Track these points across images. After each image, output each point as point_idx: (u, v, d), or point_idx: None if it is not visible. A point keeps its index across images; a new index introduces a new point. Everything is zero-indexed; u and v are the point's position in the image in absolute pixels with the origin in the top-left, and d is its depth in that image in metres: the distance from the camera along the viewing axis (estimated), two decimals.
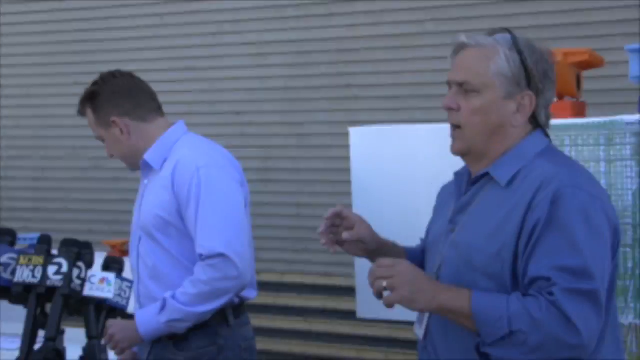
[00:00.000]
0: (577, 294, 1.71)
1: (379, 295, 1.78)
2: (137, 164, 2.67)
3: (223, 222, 2.51)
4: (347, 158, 4.28)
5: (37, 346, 2.45)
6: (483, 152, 1.91)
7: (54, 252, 2.49)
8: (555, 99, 2.95)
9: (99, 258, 2.58)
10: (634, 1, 4.35)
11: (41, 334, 2.47)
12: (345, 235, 2.01)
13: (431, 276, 1.92)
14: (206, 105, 5.43)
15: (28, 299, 2.45)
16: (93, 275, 2.50)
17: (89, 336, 2.50)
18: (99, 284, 2.49)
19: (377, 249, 2.08)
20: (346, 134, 3.39)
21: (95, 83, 2.65)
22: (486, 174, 1.91)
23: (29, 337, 2.44)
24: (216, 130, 5.30)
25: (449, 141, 2.97)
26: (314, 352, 5.21)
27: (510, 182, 1.86)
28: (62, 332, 2.46)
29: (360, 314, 3.20)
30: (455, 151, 1.94)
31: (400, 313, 3.12)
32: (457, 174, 2.04)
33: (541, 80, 1.89)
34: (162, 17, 5.58)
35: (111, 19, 5.69)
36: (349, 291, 4.82)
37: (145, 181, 2.69)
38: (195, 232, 2.50)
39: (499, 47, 1.90)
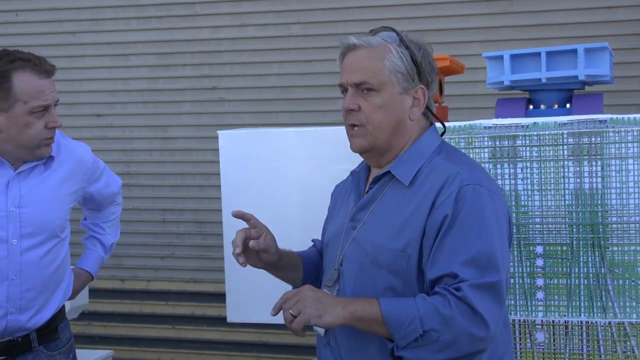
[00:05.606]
0: (484, 288, 1.77)
1: (290, 326, 1.81)
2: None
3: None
4: (213, 162, 4.22)
5: None
6: (386, 148, 1.96)
7: None
8: None
9: None
10: (489, 10, 4.55)
11: None
12: (252, 243, 1.98)
13: (332, 273, 1.98)
14: (65, 107, 5.20)
15: None
16: None
17: None
18: None
19: (277, 261, 2.08)
20: (212, 138, 3.33)
21: None
22: (387, 173, 1.96)
23: None
24: (76, 133, 5.09)
25: (317, 144, 3.01)
26: None
27: (412, 181, 1.92)
28: None
29: (231, 318, 3.16)
30: (358, 148, 1.96)
31: (268, 317, 3.13)
32: (354, 173, 2.08)
33: (429, 73, 1.97)
34: (17, 13, 5.32)
35: None
36: (217, 297, 4.79)
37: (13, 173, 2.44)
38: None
39: (389, 44, 1.94)
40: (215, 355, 5.06)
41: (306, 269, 2.16)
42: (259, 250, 2.02)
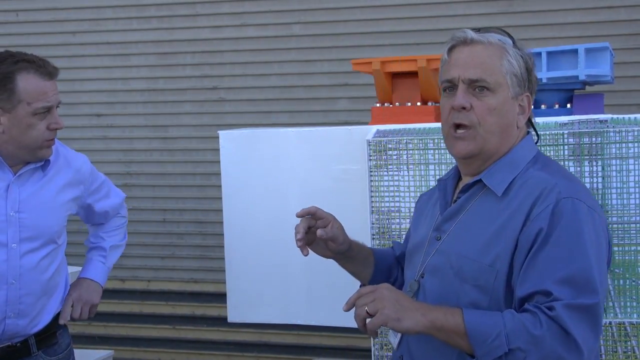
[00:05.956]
0: (579, 310, 1.64)
1: (363, 324, 1.69)
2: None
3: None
4: (213, 162, 4.21)
5: None
6: (491, 154, 1.83)
7: None
8: (419, 104, 3.03)
9: None
10: (489, 10, 4.55)
11: None
12: (319, 232, 1.95)
13: (412, 283, 1.88)
14: (65, 107, 5.17)
15: None
16: None
17: None
18: None
19: (347, 249, 2.03)
20: (212, 138, 3.33)
21: None
22: (478, 181, 1.84)
23: None
24: (77, 133, 5.12)
25: (317, 144, 3.01)
26: None
27: (505, 192, 1.79)
28: None
29: (231, 318, 3.16)
30: (465, 153, 1.82)
31: (269, 316, 3.14)
32: (441, 181, 1.96)
33: (535, 81, 1.88)
34: (17, 13, 5.32)
35: None
36: (217, 297, 4.79)
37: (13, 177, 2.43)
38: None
39: (506, 45, 1.83)
40: (215, 355, 5.06)
41: (378, 266, 2.09)
42: (327, 240, 1.98)
